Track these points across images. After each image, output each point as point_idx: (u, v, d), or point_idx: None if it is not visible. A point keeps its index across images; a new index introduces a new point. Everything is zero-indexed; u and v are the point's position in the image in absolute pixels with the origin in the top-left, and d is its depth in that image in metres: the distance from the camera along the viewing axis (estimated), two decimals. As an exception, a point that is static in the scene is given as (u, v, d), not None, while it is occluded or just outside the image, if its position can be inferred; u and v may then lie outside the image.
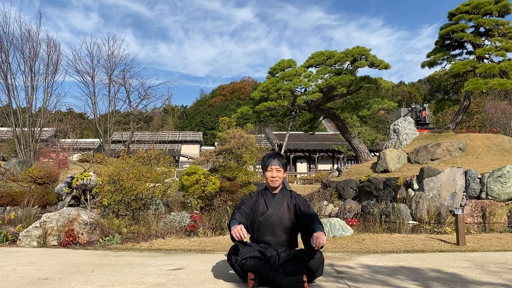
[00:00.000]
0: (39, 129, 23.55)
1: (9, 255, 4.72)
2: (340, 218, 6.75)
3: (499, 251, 4.74)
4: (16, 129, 22.71)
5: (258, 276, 2.95)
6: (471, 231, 6.37)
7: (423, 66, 15.78)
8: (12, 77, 23.08)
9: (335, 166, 32.72)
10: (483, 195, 9.46)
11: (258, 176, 18.96)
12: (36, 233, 5.49)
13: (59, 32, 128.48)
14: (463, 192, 9.63)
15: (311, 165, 39.90)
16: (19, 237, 5.56)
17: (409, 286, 3.04)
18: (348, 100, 17.84)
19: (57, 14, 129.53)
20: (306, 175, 33.84)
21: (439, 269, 3.66)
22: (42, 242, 5.44)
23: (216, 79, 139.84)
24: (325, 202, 11.56)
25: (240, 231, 2.85)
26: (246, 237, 3.01)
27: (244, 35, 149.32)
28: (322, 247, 2.85)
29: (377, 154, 14.66)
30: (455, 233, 5.48)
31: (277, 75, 16.06)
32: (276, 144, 34.65)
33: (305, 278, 2.85)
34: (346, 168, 20.19)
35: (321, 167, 37.57)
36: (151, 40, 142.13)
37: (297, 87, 15.69)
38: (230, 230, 2.99)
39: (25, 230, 5.59)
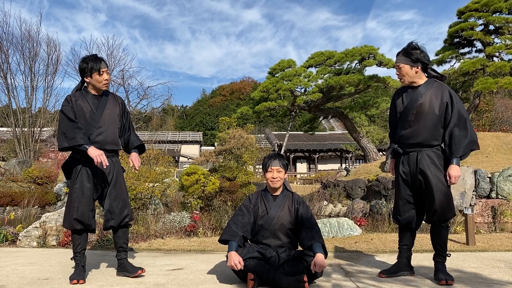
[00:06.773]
0: (38, 129, 23.51)
1: (9, 255, 4.71)
2: (349, 217, 6.73)
3: (509, 251, 4.74)
4: (16, 129, 22.67)
5: (258, 276, 2.94)
6: (481, 230, 6.37)
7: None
8: (12, 77, 23.00)
9: (343, 165, 32.69)
10: (493, 195, 9.43)
11: (258, 176, 18.94)
12: (36, 233, 5.49)
13: (67, 33, 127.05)
14: (473, 191, 9.63)
15: (311, 165, 39.91)
16: (19, 237, 5.55)
17: (417, 285, 3.04)
18: (356, 99, 17.74)
19: (66, 15, 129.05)
20: (306, 175, 33.84)
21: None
22: (42, 242, 5.44)
23: (221, 80, 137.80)
24: (325, 202, 11.54)
25: (238, 264, 2.92)
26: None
27: (251, 35, 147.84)
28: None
29: (386, 153, 14.64)
30: (464, 233, 5.49)
31: (277, 75, 16.04)
32: (276, 144, 34.64)
33: (305, 278, 2.84)
34: (354, 167, 20.20)
35: (321, 167, 37.57)
36: (158, 41, 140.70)
37: (297, 87, 15.66)
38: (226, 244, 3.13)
39: (24, 230, 5.59)
